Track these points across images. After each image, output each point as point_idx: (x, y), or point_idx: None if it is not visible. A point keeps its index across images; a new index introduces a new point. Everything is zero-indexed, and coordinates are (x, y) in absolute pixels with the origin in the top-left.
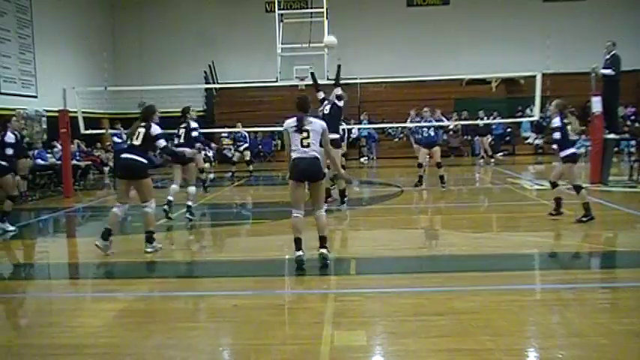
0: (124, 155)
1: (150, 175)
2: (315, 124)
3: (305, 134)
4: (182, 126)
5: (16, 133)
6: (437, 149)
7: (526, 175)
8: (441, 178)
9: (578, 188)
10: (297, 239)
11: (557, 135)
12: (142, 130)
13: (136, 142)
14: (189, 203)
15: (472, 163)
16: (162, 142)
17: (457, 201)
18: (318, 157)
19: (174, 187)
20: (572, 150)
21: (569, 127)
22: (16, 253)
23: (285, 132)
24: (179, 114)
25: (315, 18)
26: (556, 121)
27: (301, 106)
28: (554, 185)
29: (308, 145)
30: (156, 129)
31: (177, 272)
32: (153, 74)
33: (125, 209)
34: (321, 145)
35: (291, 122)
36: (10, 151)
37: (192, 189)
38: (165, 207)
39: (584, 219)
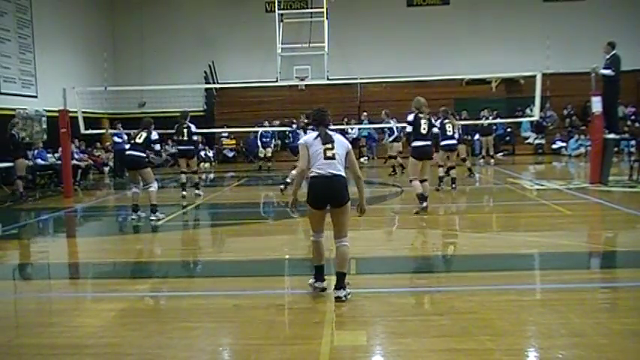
0: (128, 152)
1: (149, 164)
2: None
3: (329, 145)
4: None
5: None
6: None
7: (526, 175)
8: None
9: None
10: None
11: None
12: (144, 134)
13: (139, 141)
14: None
15: (472, 163)
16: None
17: (457, 201)
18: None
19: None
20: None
21: (448, 126)
22: (16, 253)
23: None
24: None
25: (315, 18)
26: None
27: (320, 120)
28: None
29: (333, 157)
30: (155, 134)
31: (177, 272)
32: (153, 74)
33: (140, 187)
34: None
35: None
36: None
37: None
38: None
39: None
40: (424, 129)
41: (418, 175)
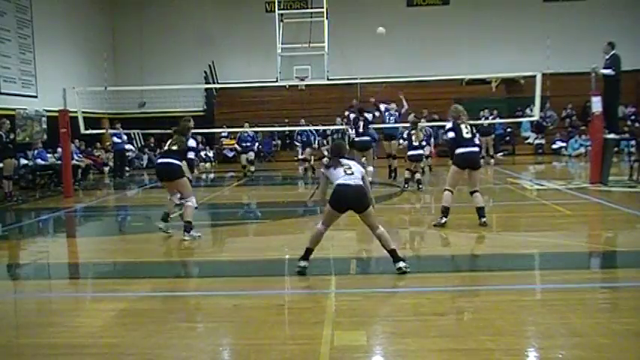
0: (160, 160)
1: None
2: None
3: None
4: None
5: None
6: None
7: (526, 175)
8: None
9: None
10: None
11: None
12: (182, 140)
13: (174, 148)
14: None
15: None
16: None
17: (457, 201)
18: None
19: None
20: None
21: (413, 137)
22: (16, 252)
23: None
24: None
25: (315, 18)
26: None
27: (336, 153)
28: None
29: (352, 174)
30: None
31: (177, 272)
32: (153, 74)
33: (177, 197)
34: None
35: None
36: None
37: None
38: None
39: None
40: (467, 132)
41: (454, 187)
